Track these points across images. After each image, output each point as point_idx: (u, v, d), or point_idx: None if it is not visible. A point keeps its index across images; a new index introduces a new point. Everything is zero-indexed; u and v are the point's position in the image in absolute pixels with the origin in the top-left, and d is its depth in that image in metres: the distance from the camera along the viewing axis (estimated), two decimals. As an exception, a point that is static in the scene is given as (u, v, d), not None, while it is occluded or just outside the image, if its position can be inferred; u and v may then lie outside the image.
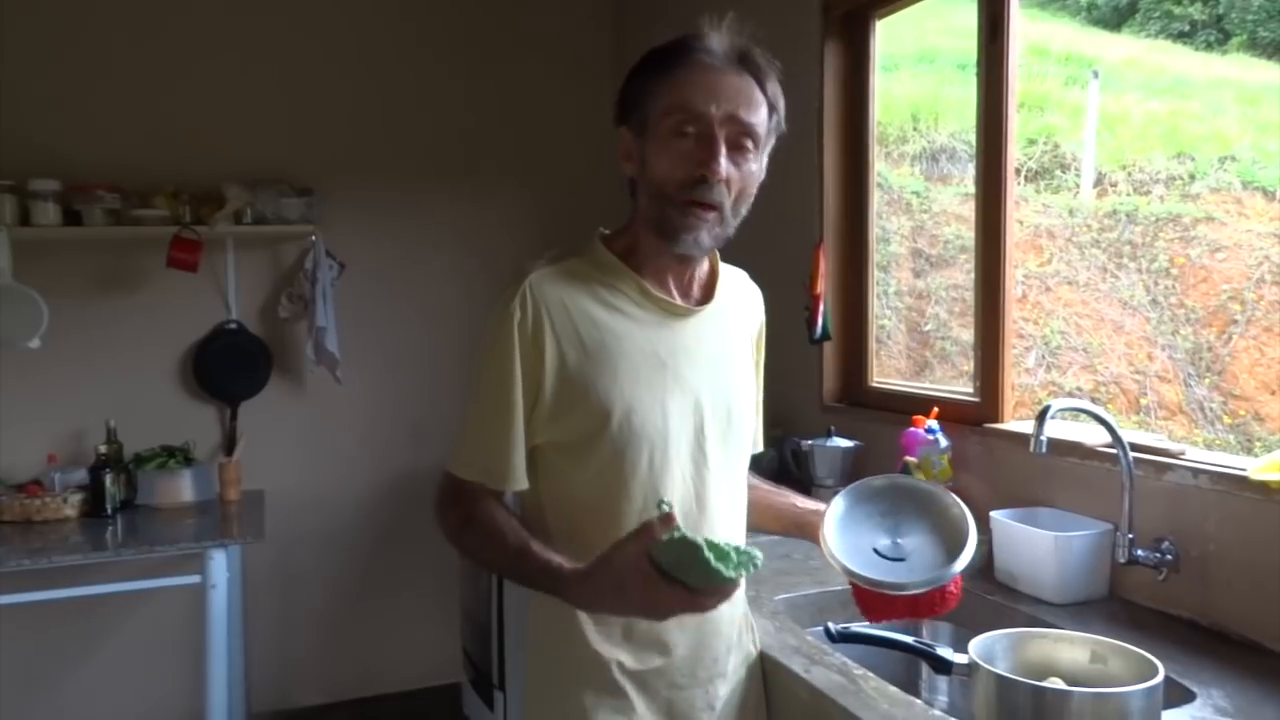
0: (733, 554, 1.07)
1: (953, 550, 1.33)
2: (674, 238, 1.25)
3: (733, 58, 1.24)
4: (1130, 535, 1.63)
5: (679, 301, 1.32)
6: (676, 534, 1.07)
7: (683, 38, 1.26)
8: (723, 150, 1.21)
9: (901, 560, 1.34)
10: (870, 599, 1.36)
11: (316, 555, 3.56)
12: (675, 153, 1.22)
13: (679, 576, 1.06)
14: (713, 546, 1.07)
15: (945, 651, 1.37)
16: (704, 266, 1.37)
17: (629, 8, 3.78)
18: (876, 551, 1.36)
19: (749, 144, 1.24)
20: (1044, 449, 1.61)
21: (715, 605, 1.10)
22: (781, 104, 1.29)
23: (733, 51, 1.25)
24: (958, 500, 1.39)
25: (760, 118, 1.25)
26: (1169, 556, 1.60)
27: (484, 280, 3.50)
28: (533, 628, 1.36)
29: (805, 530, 1.46)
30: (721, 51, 1.24)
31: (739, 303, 1.43)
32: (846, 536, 1.38)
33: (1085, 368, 4.10)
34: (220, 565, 2.73)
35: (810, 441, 2.38)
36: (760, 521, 1.51)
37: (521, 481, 1.28)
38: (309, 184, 3.39)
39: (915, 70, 4.42)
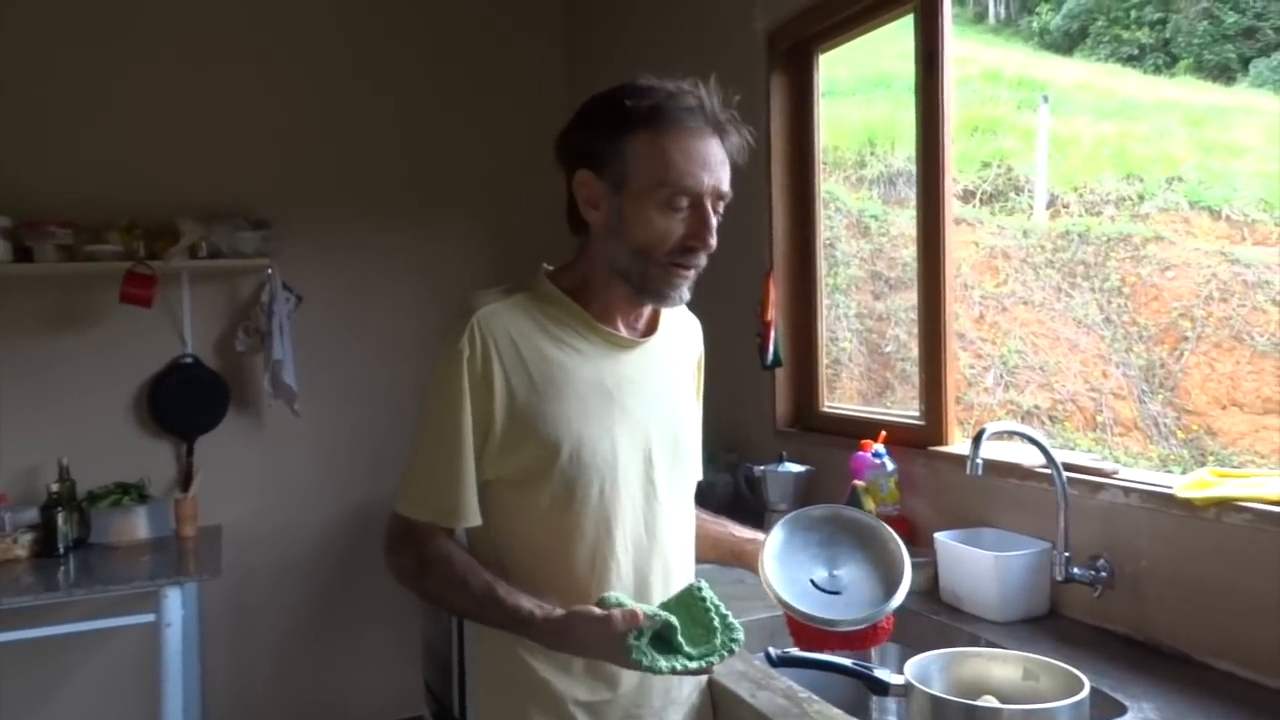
0: (716, 623, 1.14)
1: (888, 585, 1.35)
2: (657, 294, 1.29)
3: (714, 124, 1.26)
4: (1067, 554, 1.66)
5: (624, 334, 1.34)
6: (655, 615, 1.12)
7: (663, 94, 1.25)
8: (715, 224, 1.26)
9: (837, 594, 1.36)
10: (803, 630, 1.37)
11: (275, 589, 3.53)
12: (668, 223, 1.24)
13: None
14: (693, 607, 1.14)
15: (882, 673, 1.39)
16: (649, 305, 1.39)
17: (580, 38, 3.83)
18: (813, 583, 1.37)
19: (721, 206, 1.28)
20: (980, 471, 1.64)
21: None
22: (741, 161, 1.31)
23: (715, 117, 1.26)
24: (895, 536, 1.40)
25: (729, 182, 1.28)
26: (1104, 574, 1.63)
27: (440, 311, 3.50)
28: (483, 661, 1.36)
29: (743, 559, 1.48)
30: (708, 118, 1.25)
31: (680, 333, 1.46)
32: (785, 566, 1.39)
33: (1042, 386, 4.16)
34: (175, 603, 2.70)
35: (763, 467, 2.40)
36: (699, 551, 1.52)
37: (474, 518, 1.28)
38: (265, 216, 3.39)
39: (871, 95, 4.49)
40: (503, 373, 1.25)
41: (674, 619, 1.14)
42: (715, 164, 1.25)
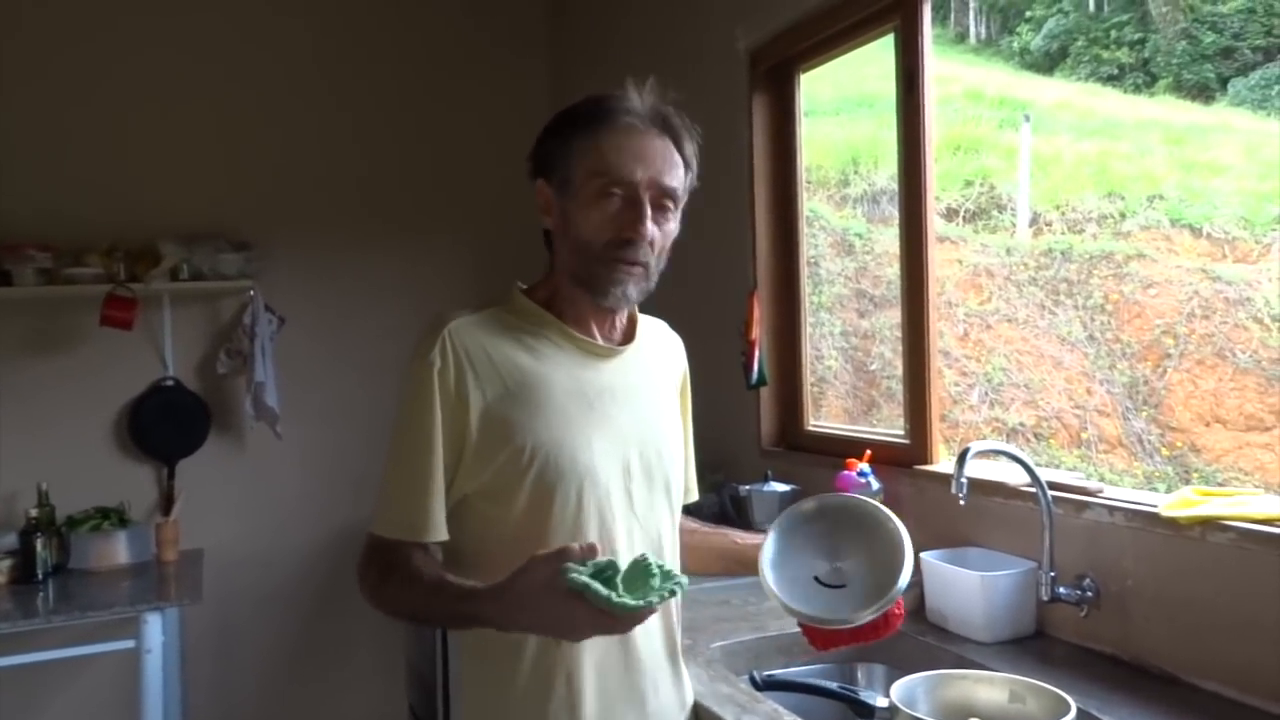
0: (656, 575, 1.08)
1: (892, 566, 1.29)
2: (601, 291, 1.28)
3: (654, 120, 1.27)
4: (1052, 573, 1.65)
5: (600, 342, 1.33)
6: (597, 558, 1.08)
7: (604, 98, 1.29)
8: (648, 213, 1.25)
9: (843, 586, 1.32)
10: (815, 632, 1.35)
11: (257, 613, 3.50)
12: (602, 214, 1.25)
13: (589, 599, 1.05)
14: (636, 568, 1.08)
15: (867, 696, 1.38)
16: (623, 313, 1.39)
17: (564, 61, 3.84)
18: (817, 579, 1.33)
19: (669, 204, 1.28)
20: (964, 490, 1.63)
21: (629, 628, 1.10)
22: (695, 163, 1.32)
23: (654, 114, 1.28)
24: (890, 514, 1.35)
25: (679, 178, 1.29)
26: (1090, 593, 1.63)
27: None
28: (463, 683, 1.34)
29: (748, 566, 1.44)
30: (644, 114, 1.27)
31: (661, 349, 1.45)
32: (785, 568, 1.35)
33: (1027, 403, 4.17)
34: (155, 629, 2.67)
35: (748, 486, 2.39)
36: (704, 564, 1.51)
37: (441, 532, 1.26)
38: (246, 238, 3.38)
39: (854, 114, 4.52)
40: (477, 383, 1.24)
41: (617, 561, 1.10)
42: (652, 157, 1.25)
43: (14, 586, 2.86)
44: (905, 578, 1.28)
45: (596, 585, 1.05)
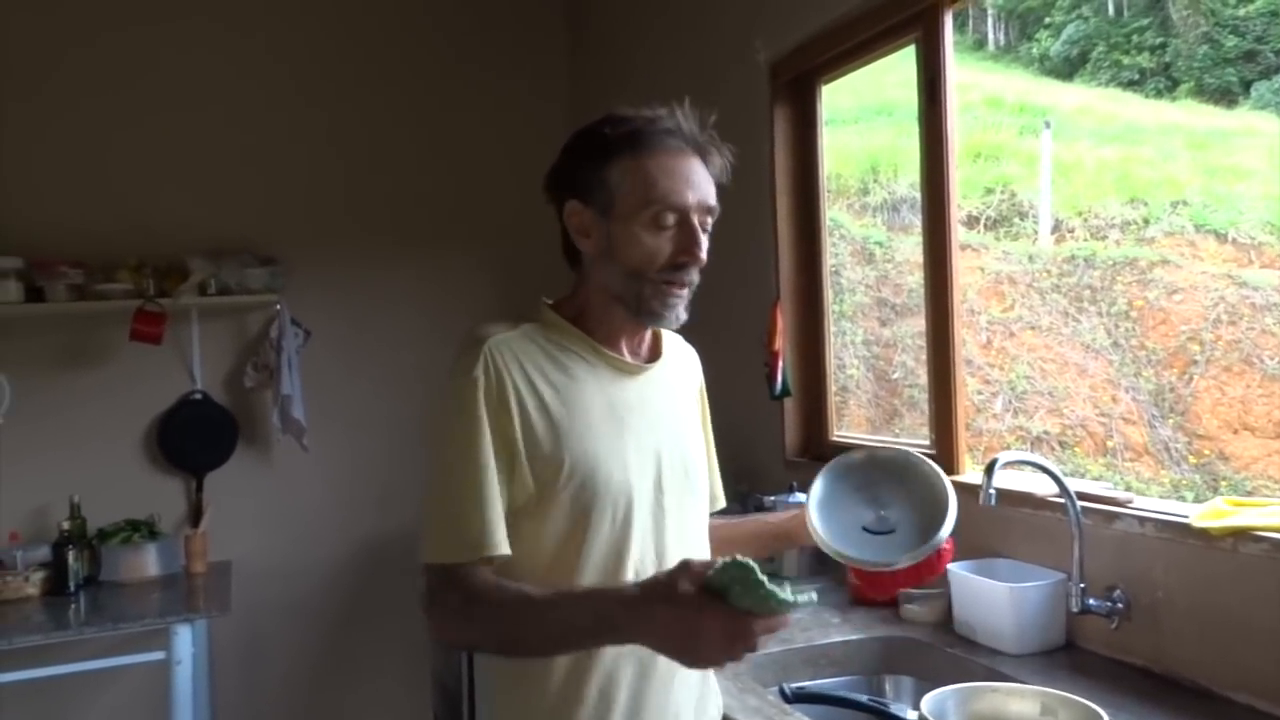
0: (786, 586, 1.07)
1: (936, 512, 1.35)
2: (653, 314, 1.29)
3: (693, 141, 1.29)
4: (1082, 584, 1.64)
5: (629, 359, 1.35)
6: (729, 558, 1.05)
7: (638, 119, 1.29)
8: (703, 237, 1.27)
9: (891, 533, 1.36)
10: (872, 578, 1.38)
11: (284, 625, 3.52)
12: (656, 240, 1.26)
13: (731, 600, 1.03)
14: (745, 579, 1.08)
15: (898, 709, 1.37)
16: (649, 330, 1.40)
17: (583, 76, 3.86)
18: (865, 529, 1.37)
19: (709, 223, 1.30)
20: (992, 501, 1.63)
21: (756, 639, 1.04)
22: (726, 180, 1.34)
23: (694, 137, 1.29)
24: (929, 463, 1.41)
25: (715, 197, 1.31)
26: (1120, 605, 1.62)
27: (446, 345, 3.48)
28: (494, 695, 1.34)
29: (789, 538, 1.49)
30: (687, 138, 1.28)
31: (680, 362, 1.47)
32: (833, 519, 1.39)
33: (1051, 411, 4.14)
34: (185, 640, 2.69)
35: (773, 497, 2.39)
36: (740, 551, 1.51)
37: (505, 546, 1.22)
38: (272, 253, 3.41)
39: (874, 123, 4.52)
40: (518, 398, 1.24)
41: (749, 563, 1.06)
42: (698, 180, 1.27)
43: (46, 598, 2.89)
44: (952, 517, 1.34)
45: (762, 576, 0.99)
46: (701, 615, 1.03)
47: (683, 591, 1.04)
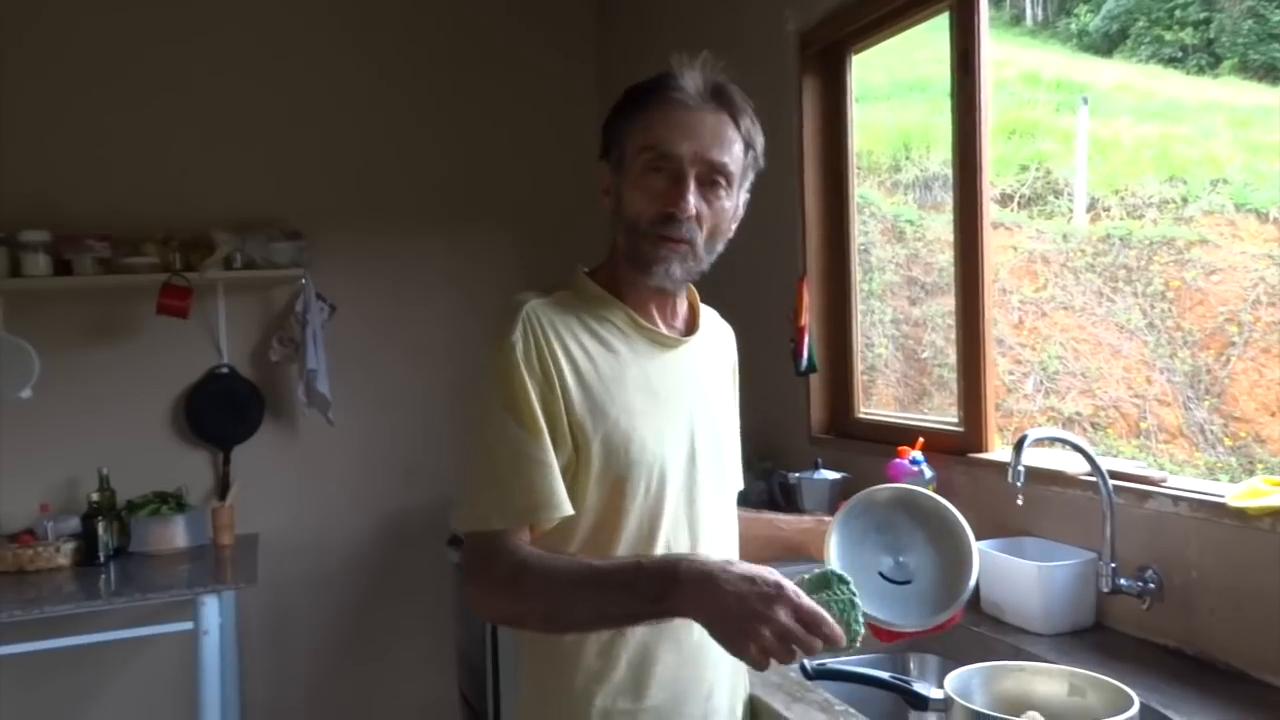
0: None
1: (956, 571, 1.28)
2: (646, 269, 1.26)
3: (706, 95, 1.25)
4: (1113, 564, 1.61)
5: (666, 332, 1.32)
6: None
7: (659, 76, 1.27)
8: (692, 188, 1.22)
9: (908, 583, 1.29)
10: (881, 630, 1.33)
11: (310, 598, 3.55)
12: (646, 189, 1.23)
13: (832, 593, 1.06)
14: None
15: (921, 687, 1.35)
16: (684, 301, 1.37)
17: (611, 46, 3.82)
18: (881, 575, 1.30)
19: (721, 181, 1.25)
20: (1021, 479, 1.59)
21: (819, 641, 1.03)
22: (759, 140, 1.29)
23: (706, 89, 1.25)
24: (956, 512, 1.33)
25: (734, 155, 1.25)
26: (1152, 585, 1.58)
27: (472, 319, 3.52)
28: (524, 670, 1.33)
29: (800, 551, 1.42)
30: (695, 90, 1.24)
31: (716, 338, 1.44)
32: (848, 558, 1.31)
33: (1084, 392, 4.07)
34: (212, 611, 2.72)
35: (798, 474, 2.36)
36: (747, 553, 1.48)
37: (568, 506, 1.20)
38: (298, 227, 3.42)
39: (905, 99, 4.44)
40: (555, 364, 1.22)
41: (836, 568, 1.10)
42: (700, 132, 1.23)
43: (77, 569, 2.94)
44: (970, 586, 1.27)
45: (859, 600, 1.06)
46: (780, 593, 1.02)
47: (766, 571, 1.03)
